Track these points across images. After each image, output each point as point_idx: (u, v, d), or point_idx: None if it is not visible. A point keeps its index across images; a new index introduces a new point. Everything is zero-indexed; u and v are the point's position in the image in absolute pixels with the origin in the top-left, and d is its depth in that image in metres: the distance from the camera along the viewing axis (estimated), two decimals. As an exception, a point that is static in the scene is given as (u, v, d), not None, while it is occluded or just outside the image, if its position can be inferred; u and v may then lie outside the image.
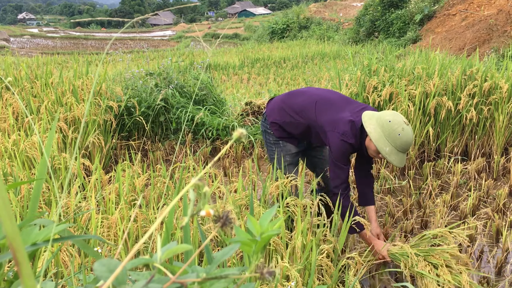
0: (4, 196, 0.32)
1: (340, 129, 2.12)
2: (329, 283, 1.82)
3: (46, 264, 0.66)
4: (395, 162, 2.04)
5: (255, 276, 0.44)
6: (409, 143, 2.02)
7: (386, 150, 2.02)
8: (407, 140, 2.01)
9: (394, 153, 2.02)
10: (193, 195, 0.44)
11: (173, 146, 4.07)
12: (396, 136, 2.00)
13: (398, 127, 2.00)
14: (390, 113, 2.07)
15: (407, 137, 2.01)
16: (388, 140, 2.01)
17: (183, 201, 1.27)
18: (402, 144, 2.01)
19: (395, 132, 2.00)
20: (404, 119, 2.05)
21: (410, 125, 2.06)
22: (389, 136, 2.01)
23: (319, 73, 9.51)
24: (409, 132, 2.02)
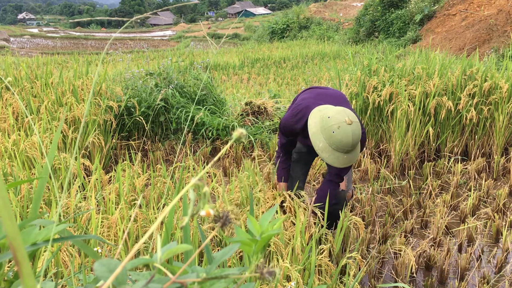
0: (4, 196, 0.32)
1: (296, 107, 2.17)
2: (329, 283, 1.82)
3: (46, 264, 0.66)
4: (329, 160, 1.96)
5: (255, 276, 0.44)
6: (344, 143, 1.90)
7: (319, 146, 1.95)
8: (341, 139, 1.89)
9: (328, 151, 1.94)
10: (193, 195, 0.44)
11: (173, 146, 4.07)
12: (330, 133, 1.91)
13: (335, 125, 1.90)
14: (337, 110, 1.97)
15: (341, 136, 1.89)
16: (323, 136, 1.94)
17: (183, 201, 1.27)
18: (336, 143, 1.91)
19: (330, 129, 1.91)
20: (348, 117, 1.92)
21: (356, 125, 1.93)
22: (324, 132, 1.93)
23: (319, 73, 9.51)
24: (345, 132, 1.89)
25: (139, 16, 0.52)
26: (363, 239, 2.42)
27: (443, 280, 2.26)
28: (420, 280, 2.30)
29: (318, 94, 2.24)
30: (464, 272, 2.29)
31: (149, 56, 14.39)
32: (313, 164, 3.55)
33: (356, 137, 1.92)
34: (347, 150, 1.95)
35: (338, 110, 1.96)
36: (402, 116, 3.56)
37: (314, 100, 2.16)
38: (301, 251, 1.85)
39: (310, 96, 2.22)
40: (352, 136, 1.91)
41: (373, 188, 3.19)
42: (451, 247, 2.48)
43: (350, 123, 1.91)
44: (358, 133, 1.93)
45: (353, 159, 2.00)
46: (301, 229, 1.89)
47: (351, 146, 1.93)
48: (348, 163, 1.99)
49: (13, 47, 25.96)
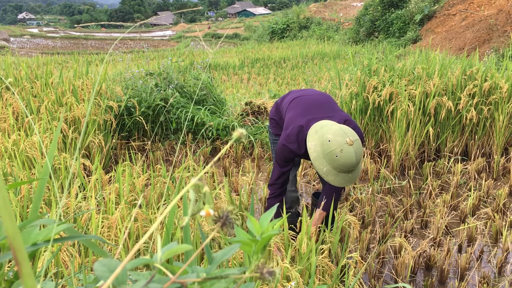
0: (5, 196, 0.32)
1: (289, 131, 2.06)
2: (329, 283, 1.82)
3: (46, 264, 0.66)
4: (334, 182, 1.92)
5: (255, 276, 0.44)
6: (348, 165, 1.87)
7: (323, 170, 1.90)
8: (345, 162, 1.85)
9: (333, 174, 1.90)
10: (193, 195, 0.44)
11: (173, 146, 4.07)
12: (334, 157, 1.86)
13: (337, 148, 1.85)
14: (335, 130, 1.90)
15: (345, 159, 1.85)
16: (326, 160, 1.88)
17: (183, 201, 1.27)
18: (340, 166, 1.87)
19: (332, 154, 1.86)
20: (349, 138, 1.87)
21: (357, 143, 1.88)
22: (327, 156, 1.88)
23: (319, 73, 9.51)
24: (348, 153, 1.85)
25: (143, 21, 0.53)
26: (363, 239, 2.42)
27: (443, 280, 2.26)
28: (420, 280, 2.30)
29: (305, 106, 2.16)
30: (464, 272, 2.29)
31: (149, 56, 14.39)
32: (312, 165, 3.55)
33: (359, 156, 1.88)
34: (351, 170, 1.91)
35: (337, 131, 1.89)
36: (402, 116, 3.56)
37: (303, 116, 2.09)
38: (302, 252, 1.85)
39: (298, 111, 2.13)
40: (355, 157, 1.87)
41: (373, 188, 3.19)
42: (451, 247, 2.48)
43: (351, 143, 1.86)
44: (360, 152, 1.89)
45: (357, 174, 1.97)
46: (306, 230, 1.89)
47: (355, 165, 1.89)
48: (353, 180, 1.96)
49: (13, 47, 25.96)
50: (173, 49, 21.22)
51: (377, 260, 2.40)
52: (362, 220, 2.81)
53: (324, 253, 1.91)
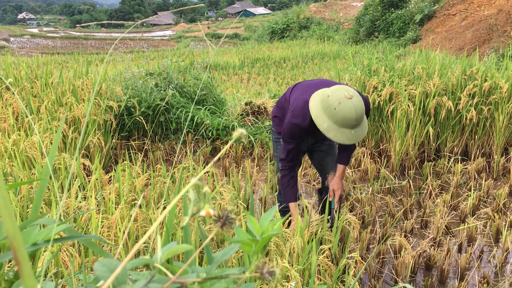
0: (5, 196, 0.32)
1: (293, 107, 2.09)
2: (329, 283, 1.82)
3: (47, 264, 0.66)
4: (336, 138, 1.92)
5: (255, 276, 0.44)
6: (347, 118, 1.87)
7: (324, 126, 1.92)
8: (344, 115, 1.86)
9: (334, 129, 1.91)
10: (193, 195, 0.44)
11: (173, 146, 4.07)
12: (333, 111, 1.88)
13: (335, 102, 1.88)
14: (335, 88, 1.95)
15: (344, 112, 1.86)
16: (326, 115, 1.91)
17: (183, 201, 1.27)
18: (340, 120, 1.88)
19: (331, 107, 1.89)
20: (348, 92, 1.89)
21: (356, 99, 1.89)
22: (326, 111, 1.91)
23: (319, 73, 9.51)
24: (347, 107, 1.86)
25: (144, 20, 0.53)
26: (363, 239, 2.42)
27: (443, 280, 2.26)
28: (420, 280, 2.30)
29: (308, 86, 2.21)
30: (464, 272, 2.29)
31: (149, 56, 14.39)
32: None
33: (359, 110, 1.88)
34: (353, 125, 1.91)
35: (336, 87, 1.94)
36: (402, 116, 3.56)
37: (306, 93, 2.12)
38: (301, 251, 1.85)
39: (300, 92, 2.19)
40: (355, 110, 1.87)
41: (373, 188, 3.19)
42: (451, 247, 2.48)
43: (350, 97, 1.88)
44: (360, 106, 1.89)
45: (362, 133, 1.96)
46: (301, 227, 1.89)
47: (356, 120, 1.89)
48: (357, 138, 1.95)
49: (13, 47, 25.96)
50: (173, 49, 21.23)
51: (377, 260, 2.40)
52: (362, 220, 2.81)
53: (324, 253, 1.91)
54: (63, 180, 2.60)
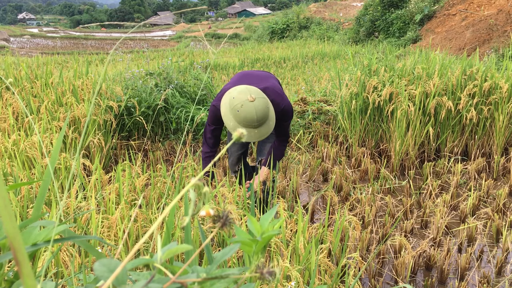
0: (5, 196, 0.32)
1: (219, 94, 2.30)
2: (329, 283, 1.82)
3: (47, 264, 0.66)
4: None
5: (255, 276, 0.44)
6: (248, 119, 2.06)
7: (230, 125, 2.12)
8: (245, 116, 2.06)
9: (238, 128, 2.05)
10: (193, 195, 0.44)
11: (173, 146, 4.07)
12: (236, 112, 2.08)
13: (238, 104, 2.07)
14: (241, 89, 2.13)
15: (245, 113, 2.05)
16: (232, 115, 2.10)
17: (184, 201, 1.27)
18: (242, 120, 2.08)
19: (235, 108, 2.08)
20: (251, 95, 2.08)
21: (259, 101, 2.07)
22: (231, 111, 2.10)
23: (319, 73, 9.51)
24: (248, 108, 2.05)
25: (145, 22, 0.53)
26: (363, 239, 2.42)
27: (443, 280, 2.26)
28: (420, 280, 2.30)
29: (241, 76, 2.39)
30: (464, 272, 2.29)
31: (149, 56, 14.39)
32: (312, 165, 3.55)
33: (260, 112, 2.07)
34: (255, 125, 2.10)
35: (242, 89, 2.12)
36: (402, 116, 3.56)
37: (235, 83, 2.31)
38: (301, 251, 1.85)
39: (233, 80, 2.37)
40: (255, 112, 2.06)
41: (373, 188, 3.19)
42: (451, 247, 2.48)
43: (253, 100, 2.07)
44: (261, 108, 2.08)
45: (267, 131, 2.15)
46: (302, 229, 1.89)
47: (257, 121, 2.09)
48: (262, 136, 2.15)
49: (13, 47, 25.96)
50: (173, 49, 21.21)
51: (377, 260, 2.40)
52: (362, 220, 2.81)
53: (324, 253, 1.91)
54: (63, 180, 2.60)
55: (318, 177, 3.57)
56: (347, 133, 3.98)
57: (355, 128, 3.91)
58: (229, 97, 2.13)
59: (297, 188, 3.20)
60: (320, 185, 3.46)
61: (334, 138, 4.17)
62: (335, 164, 3.72)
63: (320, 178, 3.56)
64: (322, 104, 4.54)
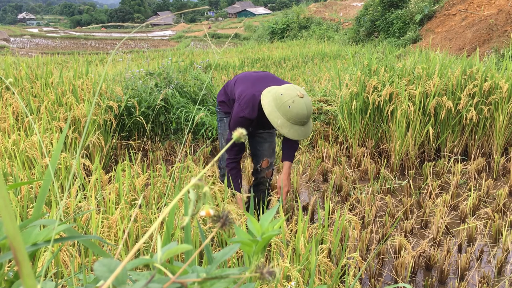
0: (5, 196, 0.32)
1: (241, 100, 2.22)
2: (329, 283, 1.82)
3: (47, 264, 0.66)
4: (289, 134, 2.08)
5: (255, 276, 0.44)
6: (300, 115, 2.04)
7: (278, 122, 2.07)
8: (298, 112, 2.03)
9: (287, 125, 2.06)
10: (193, 195, 0.44)
11: (173, 146, 4.07)
12: (287, 108, 2.03)
13: (289, 100, 2.03)
14: (286, 86, 2.10)
15: (297, 109, 2.03)
16: (280, 112, 2.06)
17: (184, 201, 1.27)
18: (293, 117, 2.04)
19: (285, 105, 2.03)
20: (299, 91, 2.06)
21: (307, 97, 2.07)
22: (280, 108, 2.05)
23: (319, 73, 9.51)
24: (300, 105, 2.03)
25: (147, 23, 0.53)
26: (363, 239, 2.42)
27: (443, 280, 2.26)
28: (420, 280, 2.30)
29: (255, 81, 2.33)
30: (464, 272, 2.30)
31: (149, 56, 14.39)
32: (312, 165, 3.55)
33: (309, 108, 2.07)
34: (304, 122, 2.09)
35: (288, 86, 2.10)
36: (402, 116, 3.56)
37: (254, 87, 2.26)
38: (302, 251, 1.85)
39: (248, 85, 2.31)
40: (306, 108, 2.05)
41: (373, 188, 3.19)
42: (451, 247, 2.48)
43: (302, 96, 2.06)
44: (310, 105, 2.08)
45: (309, 130, 2.15)
46: (302, 229, 1.89)
47: (307, 117, 2.08)
48: (306, 134, 2.13)
49: (13, 47, 25.96)
50: (173, 49, 21.21)
51: (377, 260, 2.40)
52: (362, 220, 2.81)
53: (324, 253, 1.91)
54: (63, 180, 2.60)
55: (318, 177, 3.57)
56: (347, 133, 3.97)
57: (355, 128, 3.91)
58: (275, 94, 2.09)
59: (297, 188, 3.20)
60: (320, 185, 3.46)
61: (334, 138, 4.17)
62: (335, 164, 3.72)
63: (320, 178, 3.56)
64: (322, 104, 4.54)
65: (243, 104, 2.22)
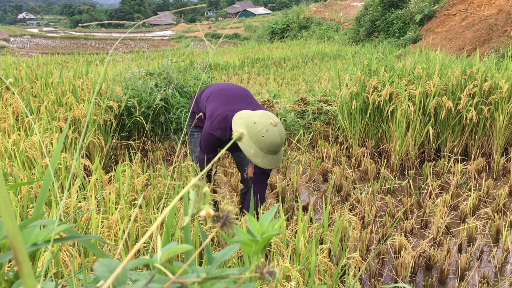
0: (5, 196, 0.32)
1: (213, 119, 2.16)
2: (329, 283, 1.82)
3: (47, 264, 0.66)
4: (262, 164, 2.00)
5: (255, 276, 0.44)
6: (274, 144, 1.96)
7: (251, 152, 1.99)
8: (271, 142, 1.95)
9: (260, 155, 1.98)
10: (193, 195, 0.44)
11: (173, 146, 4.07)
12: (260, 138, 1.95)
13: (263, 129, 1.95)
14: (259, 113, 2.01)
15: (271, 139, 1.95)
16: (253, 141, 1.97)
17: (184, 201, 1.27)
18: (267, 146, 1.97)
19: (259, 134, 1.95)
20: (273, 119, 1.98)
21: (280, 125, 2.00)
22: (253, 137, 1.97)
23: (319, 73, 9.51)
24: (274, 133, 1.95)
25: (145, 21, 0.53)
26: (363, 239, 2.42)
27: (443, 280, 2.26)
28: (420, 280, 2.30)
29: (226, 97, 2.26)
30: (464, 272, 2.30)
31: (149, 56, 14.38)
32: (312, 165, 3.55)
33: (283, 136, 2.01)
34: (276, 151, 2.01)
35: (261, 114, 2.01)
36: (402, 116, 3.56)
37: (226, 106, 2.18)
38: (302, 251, 1.85)
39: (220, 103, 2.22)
40: (280, 136, 1.99)
41: (373, 188, 3.19)
42: (451, 247, 2.48)
43: (276, 124, 1.98)
44: (283, 132, 2.03)
45: (281, 158, 2.09)
46: (302, 229, 1.89)
47: (280, 146, 2.01)
48: (278, 163, 2.06)
49: (13, 47, 25.96)
50: (173, 49, 21.22)
51: (377, 260, 2.40)
52: (362, 220, 2.81)
53: (324, 253, 1.91)
54: (63, 180, 2.60)
55: (318, 177, 3.57)
56: (347, 133, 3.97)
57: (355, 128, 3.91)
58: (247, 122, 2.00)
59: (297, 188, 3.20)
60: (320, 185, 3.46)
61: (334, 138, 4.17)
62: (335, 164, 3.72)
63: (320, 178, 3.56)
64: (322, 104, 4.54)
65: (215, 124, 2.15)
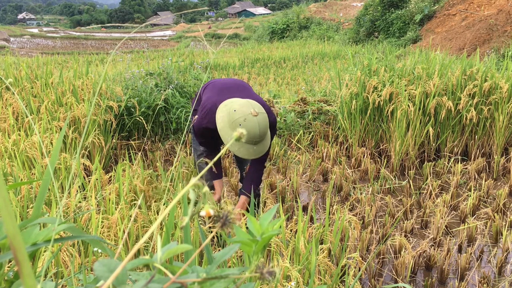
0: (5, 196, 0.32)
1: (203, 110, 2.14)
2: (329, 283, 1.82)
3: (47, 264, 0.66)
4: (239, 153, 1.98)
5: (255, 276, 0.44)
6: (251, 134, 1.93)
7: (228, 139, 1.97)
8: (249, 131, 1.91)
9: (236, 144, 1.96)
10: (193, 195, 0.44)
11: (173, 146, 4.07)
12: (238, 126, 1.92)
13: (241, 117, 1.92)
14: (242, 102, 1.99)
15: (249, 128, 1.91)
16: (231, 129, 1.95)
17: (183, 201, 1.27)
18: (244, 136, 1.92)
19: (236, 122, 1.93)
20: (254, 109, 1.95)
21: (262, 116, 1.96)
22: (232, 125, 1.95)
23: (319, 73, 9.51)
24: (252, 123, 1.92)
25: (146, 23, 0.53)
26: (363, 239, 2.42)
27: (443, 280, 2.26)
28: (420, 280, 2.30)
29: (221, 89, 2.24)
30: (464, 272, 2.30)
31: (149, 56, 14.38)
32: (312, 165, 3.55)
33: (263, 127, 1.96)
34: (256, 142, 1.97)
35: (243, 102, 1.98)
36: (402, 116, 3.56)
37: (218, 96, 2.16)
38: (302, 251, 1.85)
39: (214, 93, 2.22)
40: (259, 127, 1.93)
41: (373, 188, 3.19)
42: (451, 247, 2.48)
43: (256, 114, 1.94)
44: (264, 124, 1.97)
45: (263, 149, 2.03)
46: (302, 229, 1.89)
47: (259, 137, 1.96)
48: (258, 154, 2.02)
49: (13, 47, 25.96)
50: (173, 49, 21.22)
51: (377, 260, 2.40)
52: (362, 220, 2.81)
53: (324, 253, 1.91)
54: (63, 180, 2.60)
55: (318, 177, 3.57)
56: (347, 133, 3.97)
57: (355, 128, 3.91)
58: (229, 109, 1.98)
59: (297, 188, 3.20)
60: (320, 185, 3.46)
61: (334, 138, 4.17)
62: (335, 164, 3.72)
63: (320, 178, 3.56)
64: (322, 104, 4.54)
65: (203, 113, 2.12)
